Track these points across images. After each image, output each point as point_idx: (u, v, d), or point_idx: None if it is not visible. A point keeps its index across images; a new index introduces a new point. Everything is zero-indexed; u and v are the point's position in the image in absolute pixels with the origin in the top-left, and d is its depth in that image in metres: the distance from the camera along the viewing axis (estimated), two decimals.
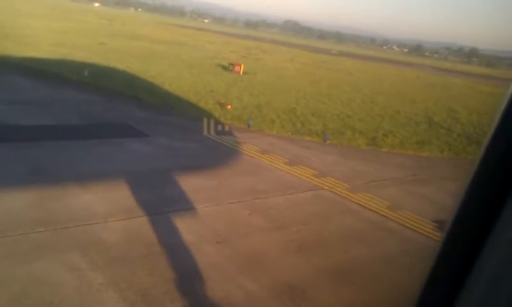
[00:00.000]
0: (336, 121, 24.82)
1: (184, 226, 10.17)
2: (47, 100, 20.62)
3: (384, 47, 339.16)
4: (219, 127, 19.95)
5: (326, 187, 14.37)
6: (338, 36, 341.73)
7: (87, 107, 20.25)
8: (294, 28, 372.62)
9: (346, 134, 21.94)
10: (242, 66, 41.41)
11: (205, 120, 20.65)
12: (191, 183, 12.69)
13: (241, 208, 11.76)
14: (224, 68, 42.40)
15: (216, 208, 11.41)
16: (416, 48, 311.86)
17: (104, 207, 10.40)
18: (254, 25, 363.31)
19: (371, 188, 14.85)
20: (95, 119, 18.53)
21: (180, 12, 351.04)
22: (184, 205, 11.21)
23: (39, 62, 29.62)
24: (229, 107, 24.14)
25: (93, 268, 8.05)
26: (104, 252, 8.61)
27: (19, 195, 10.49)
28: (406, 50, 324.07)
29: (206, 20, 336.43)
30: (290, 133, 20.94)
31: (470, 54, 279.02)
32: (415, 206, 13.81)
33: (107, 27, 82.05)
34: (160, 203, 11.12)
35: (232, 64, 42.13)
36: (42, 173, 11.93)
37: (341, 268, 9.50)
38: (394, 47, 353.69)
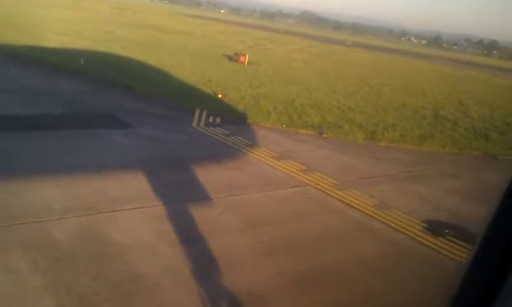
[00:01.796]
0: (336, 114, 23.92)
1: (145, 225, 9.53)
2: (35, 88, 20.13)
3: (403, 39, 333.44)
4: (210, 118, 19.23)
5: (311, 184, 13.60)
6: (355, 27, 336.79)
7: (75, 97, 19.70)
8: (310, 19, 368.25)
9: (344, 127, 21.05)
10: (247, 57, 40.59)
11: (197, 111, 19.96)
12: (163, 178, 12.04)
13: (214, 205, 11.07)
14: (229, 58, 41.65)
15: (185, 205, 10.72)
16: (435, 40, 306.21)
17: (62, 202, 9.80)
18: (270, 15, 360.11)
19: (360, 185, 14.03)
20: (79, 109, 17.96)
21: (196, 2, 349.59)
22: (150, 202, 10.55)
23: (38, 50, 29.17)
24: (220, 96, 23.48)
25: (34, 270, 7.45)
26: (50, 252, 8.01)
27: None
28: (424, 41, 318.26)
29: (222, 11, 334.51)
30: (284, 125, 20.15)
31: (490, 47, 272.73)
32: (405, 205, 12.98)
33: (117, 16, 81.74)
34: (124, 198, 10.48)
35: (237, 54, 41.37)
36: (6, 166, 11.36)
37: (310, 273, 8.75)
38: (412, 38, 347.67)
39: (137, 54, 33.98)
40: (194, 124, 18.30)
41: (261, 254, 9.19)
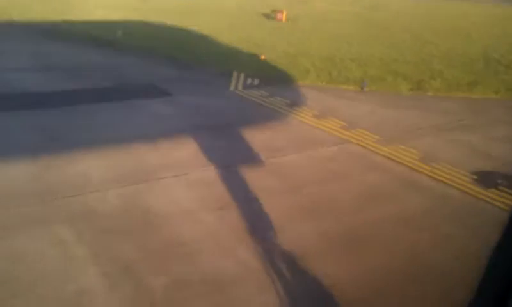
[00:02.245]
0: (379, 66, 22.97)
1: (186, 193, 9.59)
2: (74, 64, 20.46)
3: None
4: (248, 81, 18.98)
5: (353, 141, 13.21)
6: None
7: (111, 69, 19.90)
8: None
9: (387, 80, 20.23)
10: (284, 13, 39.42)
11: (234, 74, 19.74)
12: (199, 144, 12.02)
13: (252, 168, 10.98)
14: (267, 16, 40.66)
15: (225, 170, 10.69)
16: None
17: (105, 174, 10.00)
18: None
19: (405, 139, 13.49)
20: (116, 81, 18.04)
21: None
22: (189, 169, 10.59)
23: (74, 25, 29.59)
24: (263, 57, 23.04)
25: (79, 241, 7.67)
26: (96, 223, 8.20)
27: (24, 164, 10.27)
28: None
29: None
30: (324, 82, 19.59)
31: None
32: (454, 157, 12.38)
33: None
34: (164, 167, 10.56)
35: (274, 11, 40.21)
36: (52, 140, 11.69)
37: (352, 233, 8.56)
38: None
39: (173, 21, 33.75)
40: (232, 87, 18.14)
41: (300, 216, 9.03)
